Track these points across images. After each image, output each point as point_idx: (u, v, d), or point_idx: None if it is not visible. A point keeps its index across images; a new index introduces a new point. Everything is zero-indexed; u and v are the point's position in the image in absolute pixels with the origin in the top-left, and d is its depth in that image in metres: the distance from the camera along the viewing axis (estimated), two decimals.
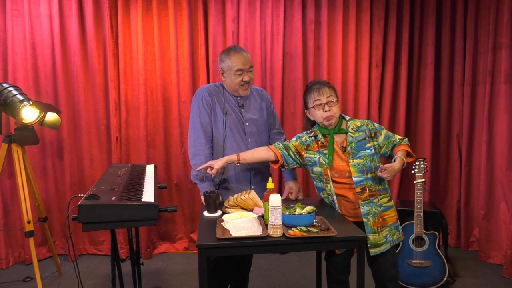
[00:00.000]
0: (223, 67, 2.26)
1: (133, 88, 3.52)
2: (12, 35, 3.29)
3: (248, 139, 2.31)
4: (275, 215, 1.64)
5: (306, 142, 2.16)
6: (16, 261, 3.45)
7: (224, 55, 2.26)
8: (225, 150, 2.28)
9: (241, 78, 2.23)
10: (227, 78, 2.28)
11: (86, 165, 3.53)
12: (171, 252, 3.70)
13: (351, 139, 2.05)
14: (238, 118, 2.31)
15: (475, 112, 3.64)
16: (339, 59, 3.63)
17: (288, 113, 3.67)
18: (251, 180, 2.33)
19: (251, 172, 2.32)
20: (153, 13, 3.45)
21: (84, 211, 1.71)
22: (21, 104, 2.70)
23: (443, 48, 3.75)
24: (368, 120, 2.12)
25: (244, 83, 2.25)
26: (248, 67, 2.24)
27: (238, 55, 2.22)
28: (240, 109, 2.32)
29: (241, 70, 2.21)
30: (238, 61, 2.21)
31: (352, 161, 2.02)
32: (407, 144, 2.10)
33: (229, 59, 2.22)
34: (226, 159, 2.08)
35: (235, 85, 2.26)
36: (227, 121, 2.28)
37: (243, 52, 2.25)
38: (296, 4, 3.56)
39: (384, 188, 2.08)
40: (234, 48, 2.27)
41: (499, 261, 3.37)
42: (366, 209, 2.02)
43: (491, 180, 3.44)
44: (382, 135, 2.08)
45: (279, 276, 3.21)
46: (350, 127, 2.08)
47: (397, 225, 2.11)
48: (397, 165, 1.94)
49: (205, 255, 1.61)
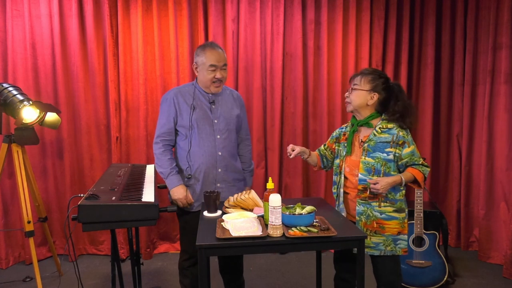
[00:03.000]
0: (197, 62, 2.28)
1: (133, 88, 3.52)
2: (12, 35, 3.29)
3: (217, 135, 2.31)
4: (275, 215, 1.64)
5: (335, 136, 2.23)
6: (16, 261, 3.45)
7: (200, 50, 2.28)
8: (191, 145, 2.29)
9: (213, 74, 2.24)
10: (200, 73, 2.29)
11: (86, 165, 3.53)
12: (171, 252, 3.70)
13: (373, 136, 2.01)
14: (206, 115, 2.31)
15: (475, 112, 3.64)
16: (339, 59, 3.63)
17: (288, 113, 3.67)
18: (217, 178, 2.33)
19: (217, 169, 2.32)
20: (153, 13, 3.45)
21: (84, 211, 1.71)
22: (21, 104, 2.70)
23: (443, 48, 3.76)
24: (405, 129, 2.01)
25: (216, 80, 2.27)
26: (222, 64, 2.26)
27: (213, 51, 2.24)
28: (211, 105, 2.33)
29: (214, 66, 2.23)
30: (212, 57, 2.23)
31: (364, 158, 2.01)
32: (422, 172, 2.00)
33: (203, 54, 2.24)
34: (301, 148, 2.16)
35: (207, 81, 2.27)
36: (193, 116, 2.28)
37: (219, 49, 2.27)
38: (296, 4, 3.56)
39: (393, 198, 2.01)
40: (210, 44, 2.30)
41: (499, 261, 3.37)
42: (361, 209, 2.02)
43: (491, 180, 3.44)
44: (409, 148, 1.98)
45: (279, 276, 3.21)
46: (379, 125, 2.02)
47: (396, 239, 2.01)
48: (390, 179, 1.93)
49: (205, 255, 1.61)
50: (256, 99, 3.60)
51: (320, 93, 3.68)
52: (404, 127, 2.01)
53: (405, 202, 2.06)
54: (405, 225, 2.05)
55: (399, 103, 2.01)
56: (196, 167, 2.29)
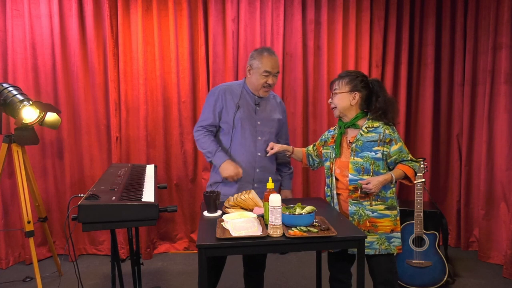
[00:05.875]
0: (252, 64, 2.31)
1: (133, 88, 3.52)
2: (12, 35, 3.29)
3: (258, 137, 2.35)
4: (275, 215, 1.64)
5: (324, 139, 2.24)
6: (16, 261, 3.45)
7: (257, 54, 2.31)
8: (232, 143, 2.32)
9: (265, 80, 2.28)
10: (252, 76, 2.32)
11: (86, 165, 3.53)
12: (171, 252, 3.70)
13: (360, 136, 2.04)
14: (250, 115, 2.35)
15: (475, 112, 3.64)
16: (339, 59, 3.63)
17: (288, 113, 3.65)
18: (254, 178, 2.36)
19: (255, 169, 2.35)
20: (153, 13, 3.45)
21: (84, 211, 1.71)
22: (21, 104, 2.70)
23: (443, 48, 3.76)
24: (391, 126, 2.05)
25: (267, 86, 2.31)
26: (276, 71, 2.30)
27: (270, 58, 2.28)
28: (256, 107, 2.36)
29: (268, 72, 2.27)
30: (269, 64, 2.26)
31: (352, 158, 2.03)
32: (412, 168, 2.03)
33: (260, 58, 2.28)
34: (281, 146, 2.29)
35: (258, 85, 2.31)
36: (238, 115, 2.32)
37: (275, 56, 2.31)
38: (296, 4, 3.56)
39: (384, 196, 2.03)
40: (268, 49, 2.33)
41: (499, 261, 3.37)
42: (354, 209, 2.04)
43: (491, 180, 3.44)
44: (396, 145, 2.01)
45: (279, 276, 3.21)
46: (366, 125, 2.05)
47: (390, 236, 2.03)
48: (380, 178, 1.95)
49: (205, 255, 1.61)
50: None
51: (320, 93, 3.68)
52: (390, 124, 2.04)
53: (396, 200, 2.09)
54: (398, 223, 2.07)
55: (379, 99, 2.04)
56: (237, 164, 2.32)
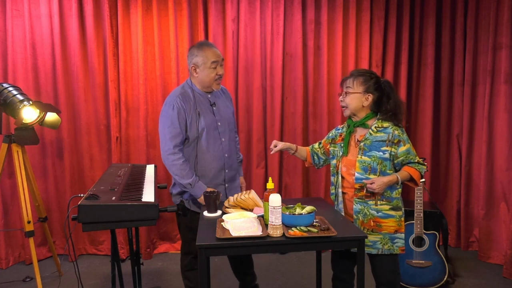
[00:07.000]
0: (197, 62, 2.23)
1: (133, 88, 3.52)
2: (12, 35, 3.29)
3: (222, 138, 2.31)
4: (275, 215, 1.64)
5: (331, 136, 2.24)
6: (16, 261, 3.45)
7: (198, 50, 2.24)
8: (198, 153, 2.26)
9: (216, 71, 2.23)
10: (201, 73, 2.25)
11: (86, 165, 3.53)
12: (171, 252, 3.70)
13: (369, 136, 2.03)
14: (212, 119, 2.29)
15: (475, 112, 3.64)
16: (339, 59, 3.63)
17: (288, 113, 3.67)
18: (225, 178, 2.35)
19: (225, 170, 2.34)
20: (153, 13, 3.45)
21: (84, 211, 1.71)
22: (21, 104, 2.70)
23: (443, 48, 3.75)
24: (400, 128, 2.04)
25: (218, 77, 2.26)
26: (221, 59, 2.26)
27: (211, 49, 2.25)
28: (213, 108, 2.31)
29: (216, 62, 2.22)
30: (213, 54, 2.23)
31: (360, 157, 2.02)
32: (418, 171, 2.01)
33: (203, 52, 2.22)
34: (284, 144, 2.23)
35: (210, 80, 2.25)
36: (201, 122, 2.24)
37: (214, 46, 2.28)
38: (296, 4, 3.56)
39: (389, 196, 2.02)
40: (206, 42, 2.31)
41: (499, 261, 3.37)
42: (358, 207, 2.03)
43: (491, 180, 3.43)
44: (404, 147, 1.99)
45: (279, 276, 3.21)
46: (375, 125, 2.04)
47: (393, 237, 2.02)
48: (386, 178, 1.95)
49: (205, 255, 1.61)
50: (256, 99, 3.60)
51: (320, 93, 3.68)
52: (400, 125, 2.04)
53: (401, 201, 2.07)
54: (402, 224, 2.06)
55: (390, 102, 2.04)
56: (206, 172, 2.28)
